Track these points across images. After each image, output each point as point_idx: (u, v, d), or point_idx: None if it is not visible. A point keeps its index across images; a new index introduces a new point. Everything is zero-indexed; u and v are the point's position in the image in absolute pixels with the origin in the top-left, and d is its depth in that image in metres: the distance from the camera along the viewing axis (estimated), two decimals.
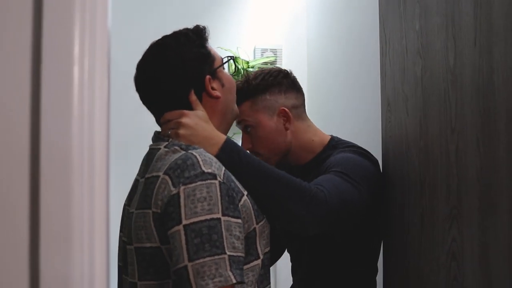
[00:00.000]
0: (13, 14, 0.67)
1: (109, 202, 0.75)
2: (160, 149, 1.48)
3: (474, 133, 1.47)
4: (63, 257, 0.69)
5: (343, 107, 2.93)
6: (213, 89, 1.56)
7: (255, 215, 1.45)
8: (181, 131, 1.48)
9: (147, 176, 1.44)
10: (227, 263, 1.27)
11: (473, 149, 1.48)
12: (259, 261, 1.45)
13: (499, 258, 1.38)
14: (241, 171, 1.50)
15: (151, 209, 1.36)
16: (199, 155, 1.38)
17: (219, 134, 1.54)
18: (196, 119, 1.50)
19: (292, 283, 2.16)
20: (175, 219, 1.30)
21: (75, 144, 0.68)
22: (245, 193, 1.45)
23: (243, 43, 3.73)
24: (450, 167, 1.59)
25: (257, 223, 1.45)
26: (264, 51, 3.80)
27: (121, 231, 1.57)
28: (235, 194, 1.39)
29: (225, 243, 1.28)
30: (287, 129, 1.91)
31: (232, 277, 1.26)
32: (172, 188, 1.32)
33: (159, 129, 1.60)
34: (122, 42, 3.14)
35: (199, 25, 1.61)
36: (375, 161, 1.92)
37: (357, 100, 2.75)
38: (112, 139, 0.76)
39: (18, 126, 0.66)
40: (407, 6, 1.86)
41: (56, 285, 0.68)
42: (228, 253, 1.28)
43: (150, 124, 3.15)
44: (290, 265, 2.17)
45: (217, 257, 1.26)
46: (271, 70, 1.95)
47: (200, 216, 1.28)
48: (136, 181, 1.55)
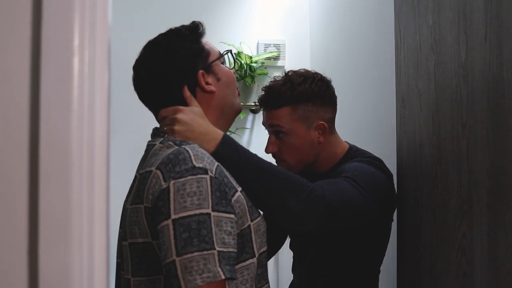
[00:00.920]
0: (12, 4, 0.68)
1: (109, 197, 0.74)
2: (155, 145, 1.48)
3: (484, 128, 1.47)
4: (62, 254, 0.68)
5: (347, 103, 2.90)
6: (207, 84, 1.55)
7: (249, 212, 1.43)
8: (176, 127, 1.47)
9: (141, 171, 1.44)
10: (216, 258, 1.25)
11: (483, 145, 1.47)
12: (254, 260, 1.43)
13: (509, 254, 1.37)
14: (240, 166, 1.49)
15: (143, 204, 1.36)
16: (191, 150, 1.37)
17: (215, 129, 1.53)
18: (191, 115, 1.49)
19: (292, 279, 2.15)
20: (164, 214, 1.29)
21: (74, 137, 0.68)
22: (239, 189, 1.43)
23: (246, 38, 3.71)
24: (461, 163, 1.59)
25: (252, 221, 1.43)
26: (267, 46, 3.77)
27: (120, 227, 1.57)
28: (227, 189, 1.37)
29: (214, 239, 1.26)
30: (319, 142, 1.87)
31: (221, 273, 1.24)
32: (162, 182, 1.32)
33: (156, 124, 1.61)
34: (123, 36, 3.14)
35: (195, 21, 1.61)
36: (388, 174, 1.89)
37: (362, 95, 2.73)
38: (112, 132, 0.76)
39: (17, 118, 0.66)
40: (420, 0, 1.85)
41: (55, 282, 0.68)
42: (217, 249, 1.26)
43: (150, 119, 3.15)
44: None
45: (205, 252, 1.25)
46: (315, 77, 1.88)
47: (189, 210, 1.27)
48: (135, 177, 1.55)
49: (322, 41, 3.61)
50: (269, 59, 3.75)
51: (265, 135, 1.95)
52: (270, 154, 1.91)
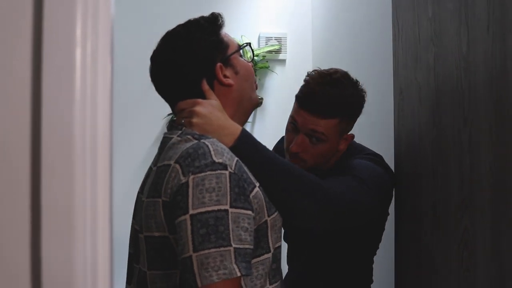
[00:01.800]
0: None
1: (112, 191, 0.73)
2: (173, 137, 1.46)
3: (487, 122, 1.45)
4: (65, 249, 0.68)
5: None
6: (225, 77, 1.53)
7: (267, 207, 1.43)
8: (195, 120, 1.46)
9: (159, 165, 1.42)
10: (233, 255, 1.25)
11: (485, 138, 1.46)
12: (269, 255, 1.43)
13: (511, 248, 1.36)
14: (257, 163, 1.48)
15: (161, 198, 1.35)
16: (211, 145, 1.36)
17: (234, 124, 1.52)
18: (210, 108, 1.48)
19: (287, 272, 2.14)
20: (183, 208, 1.28)
21: (77, 129, 0.67)
22: (257, 184, 1.43)
23: (247, 31, 3.70)
24: (462, 157, 1.57)
25: (269, 216, 1.43)
26: (268, 39, 3.77)
27: (134, 218, 1.56)
28: (246, 185, 1.36)
29: (231, 235, 1.26)
30: (340, 150, 1.90)
31: (237, 270, 1.24)
32: (182, 177, 1.31)
33: (161, 116, 1.60)
34: (125, 30, 3.13)
35: (214, 13, 1.59)
36: (389, 170, 1.91)
37: (367, 88, 2.72)
38: (114, 125, 0.75)
39: (18, 111, 0.65)
40: None
41: (58, 277, 0.67)
42: (234, 246, 1.26)
43: (155, 113, 3.12)
44: None
45: (222, 249, 1.25)
46: (362, 93, 1.89)
47: (207, 206, 1.27)
48: (149, 169, 1.54)
49: (323, 34, 3.60)
50: (270, 52, 3.74)
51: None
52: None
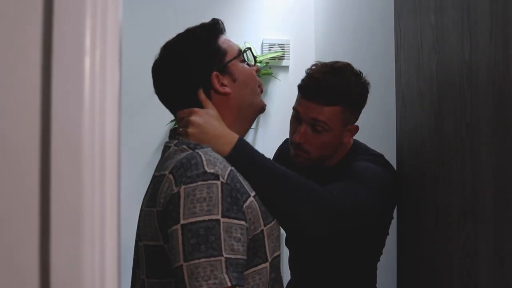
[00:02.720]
0: (23, 4, 0.67)
1: (120, 195, 0.74)
2: (171, 147, 1.48)
3: (489, 128, 1.46)
4: (74, 253, 0.68)
5: None
6: (222, 85, 1.53)
7: (262, 217, 1.43)
8: (190, 130, 1.46)
9: (156, 174, 1.45)
10: (223, 265, 1.25)
11: (488, 145, 1.46)
12: (267, 264, 1.43)
13: None
14: (253, 170, 1.48)
15: (156, 208, 1.37)
16: (204, 155, 1.36)
17: (230, 133, 1.51)
18: (206, 117, 1.48)
19: (290, 279, 2.15)
20: (174, 218, 1.29)
21: (86, 136, 0.68)
22: (252, 194, 1.43)
23: (251, 38, 3.69)
24: (464, 163, 1.58)
25: (265, 225, 1.43)
26: (271, 46, 3.77)
27: (137, 225, 1.58)
28: (239, 195, 1.36)
29: (222, 245, 1.26)
30: (342, 143, 1.89)
31: (227, 280, 1.24)
32: (174, 187, 1.32)
33: (164, 122, 1.61)
34: (130, 35, 3.15)
35: (214, 19, 1.59)
36: (394, 173, 1.90)
37: (370, 95, 2.73)
38: (122, 132, 0.76)
39: (28, 118, 0.66)
40: None
41: (67, 281, 0.68)
42: (225, 255, 1.26)
43: (158, 118, 3.12)
44: None
45: (213, 258, 1.25)
46: (365, 83, 1.89)
47: (198, 216, 1.27)
48: (153, 177, 1.54)
49: (326, 40, 3.61)
50: (273, 59, 3.74)
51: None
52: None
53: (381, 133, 2.43)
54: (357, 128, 1.89)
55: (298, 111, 1.85)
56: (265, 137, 3.49)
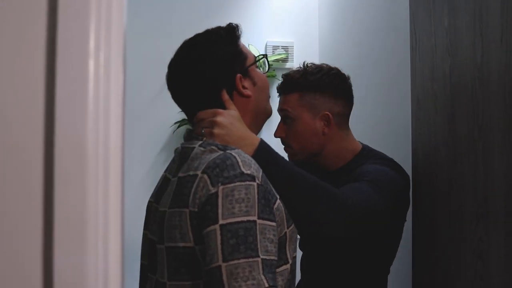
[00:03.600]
0: (27, 6, 0.68)
1: (124, 198, 0.74)
2: (194, 148, 1.46)
3: (500, 130, 1.46)
4: (77, 257, 0.68)
5: (358, 104, 2.86)
6: (244, 88, 1.54)
7: (286, 219, 1.44)
8: (216, 130, 1.46)
9: (182, 175, 1.42)
10: (260, 266, 1.25)
11: (499, 147, 1.46)
12: (288, 266, 1.44)
13: None
14: (275, 173, 1.49)
15: (188, 208, 1.34)
16: (238, 156, 1.36)
17: (252, 134, 1.54)
18: (230, 118, 1.49)
19: (300, 280, 2.15)
20: (212, 218, 1.28)
21: (90, 139, 0.68)
22: (278, 196, 1.43)
23: (255, 40, 3.68)
24: (477, 165, 1.58)
25: (288, 228, 1.44)
26: (275, 48, 3.75)
27: (145, 228, 1.57)
28: (270, 197, 1.37)
29: (259, 246, 1.27)
30: (324, 133, 1.88)
31: (264, 281, 1.24)
32: (210, 187, 1.31)
33: (168, 124, 1.59)
34: (133, 40, 3.16)
35: (232, 23, 1.59)
36: (406, 177, 1.89)
37: (374, 97, 2.72)
38: (126, 134, 0.76)
39: (32, 121, 0.66)
40: (436, 3, 1.85)
41: (70, 283, 0.68)
42: (261, 257, 1.26)
43: (162, 121, 3.12)
44: None
45: (251, 259, 1.25)
46: (330, 70, 1.91)
47: (237, 217, 1.27)
48: (166, 179, 1.54)
49: (330, 43, 3.59)
50: (277, 61, 3.72)
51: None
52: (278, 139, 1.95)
53: (396, 136, 2.43)
54: (328, 116, 1.86)
55: (278, 111, 1.92)
56: (269, 139, 3.45)
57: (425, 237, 1.95)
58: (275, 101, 1.94)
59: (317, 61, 3.71)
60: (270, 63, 3.62)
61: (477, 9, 1.56)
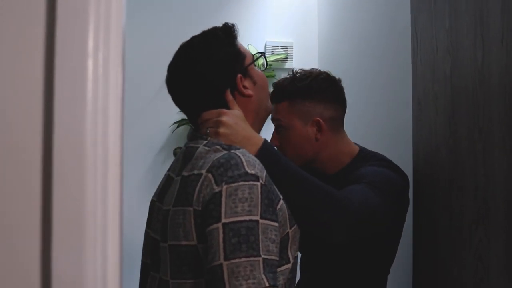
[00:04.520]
0: (26, 6, 0.68)
1: (123, 199, 0.74)
2: (199, 147, 1.46)
3: (501, 132, 1.46)
4: (76, 257, 0.68)
5: (357, 106, 2.87)
6: (245, 87, 1.54)
7: (289, 219, 1.45)
8: (221, 130, 1.47)
9: (186, 174, 1.42)
10: (261, 265, 1.26)
11: (500, 149, 1.46)
12: (289, 265, 1.44)
13: None
14: (278, 173, 1.50)
15: (193, 207, 1.35)
16: (243, 156, 1.37)
17: (256, 134, 1.54)
18: (235, 118, 1.49)
19: (299, 279, 2.14)
20: (215, 217, 1.29)
21: (88, 139, 0.68)
22: (281, 197, 1.45)
23: (254, 40, 3.67)
24: (477, 167, 1.58)
25: (290, 228, 1.45)
26: (274, 48, 3.74)
27: (148, 227, 1.57)
28: (274, 197, 1.38)
29: (260, 246, 1.28)
30: (317, 139, 1.87)
31: (265, 280, 1.25)
32: (214, 186, 1.32)
33: (167, 124, 1.57)
34: (131, 41, 3.16)
35: (227, 23, 1.58)
36: (405, 177, 1.88)
37: (374, 98, 2.72)
38: (124, 134, 0.76)
39: (30, 121, 0.66)
40: (437, 4, 1.84)
41: (68, 283, 0.68)
42: (263, 256, 1.27)
43: (161, 120, 3.12)
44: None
45: (252, 258, 1.26)
46: (319, 75, 1.89)
47: (240, 216, 1.28)
48: (169, 178, 1.54)
49: (330, 43, 3.59)
50: (276, 61, 3.72)
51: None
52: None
53: (397, 137, 2.43)
54: (319, 121, 1.84)
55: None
56: (268, 139, 3.45)
57: (426, 238, 1.95)
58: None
59: (317, 62, 3.72)
60: (269, 63, 3.64)
61: (478, 11, 1.56)
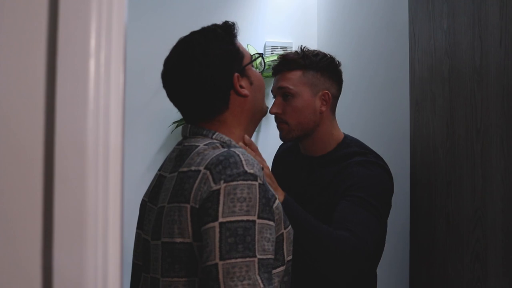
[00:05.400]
0: (28, 6, 0.68)
1: (123, 198, 0.74)
2: (199, 146, 1.44)
3: (498, 134, 1.46)
4: (77, 257, 0.68)
5: (356, 105, 2.88)
6: (241, 87, 1.51)
7: (283, 220, 1.44)
8: None
9: (183, 170, 1.40)
10: (256, 266, 1.26)
11: (497, 150, 1.47)
12: (283, 267, 1.43)
13: None
14: (299, 225, 1.62)
15: (189, 204, 1.33)
16: (242, 154, 1.35)
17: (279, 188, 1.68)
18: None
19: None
20: (212, 215, 1.27)
21: (90, 139, 0.68)
22: (277, 196, 1.44)
23: (253, 39, 3.68)
24: (475, 168, 1.58)
25: (285, 228, 1.44)
26: (274, 48, 3.74)
27: (139, 228, 1.55)
28: (270, 196, 1.37)
29: (256, 246, 1.27)
30: (321, 112, 1.93)
31: (259, 281, 1.24)
32: (212, 184, 1.30)
33: (166, 124, 1.54)
34: (133, 38, 3.15)
35: (228, 21, 1.56)
36: (388, 169, 1.90)
37: (373, 98, 2.72)
38: (125, 133, 0.76)
39: (32, 120, 0.67)
40: (435, 5, 1.85)
41: (69, 282, 0.68)
42: (258, 256, 1.26)
43: (161, 120, 3.11)
44: None
45: (248, 259, 1.25)
46: (327, 54, 1.97)
47: (237, 216, 1.26)
48: (160, 177, 1.52)
49: (329, 43, 3.59)
50: (275, 61, 3.72)
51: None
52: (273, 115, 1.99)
53: (395, 137, 2.43)
54: (328, 95, 1.92)
55: (272, 91, 1.98)
56: (267, 139, 3.47)
57: (423, 239, 1.95)
58: (272, 101, 1.94)
59: None
60: (268, 63, 3.64)
61: (476, 12, 1.56)
